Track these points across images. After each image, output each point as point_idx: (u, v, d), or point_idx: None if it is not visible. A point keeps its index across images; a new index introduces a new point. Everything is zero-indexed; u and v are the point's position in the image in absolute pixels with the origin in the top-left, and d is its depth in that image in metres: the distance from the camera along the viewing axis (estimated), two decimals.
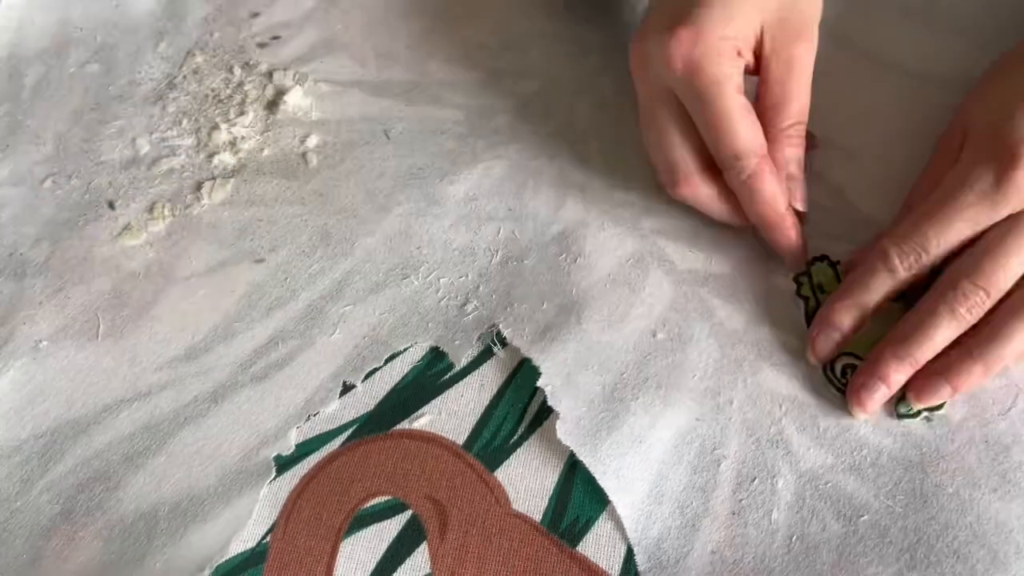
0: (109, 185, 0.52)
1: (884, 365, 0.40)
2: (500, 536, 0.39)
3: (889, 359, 0.40)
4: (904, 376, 0.40)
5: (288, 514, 0.40)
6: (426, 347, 0.44)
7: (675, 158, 0.44)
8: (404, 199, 0.50)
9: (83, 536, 0.40)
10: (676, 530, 0.38)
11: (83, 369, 0.45)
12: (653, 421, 0.41)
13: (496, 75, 0.55)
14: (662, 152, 0.45)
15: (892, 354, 0.40)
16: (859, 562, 0.37)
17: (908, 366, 0.40)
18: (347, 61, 0.57)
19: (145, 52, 0.59)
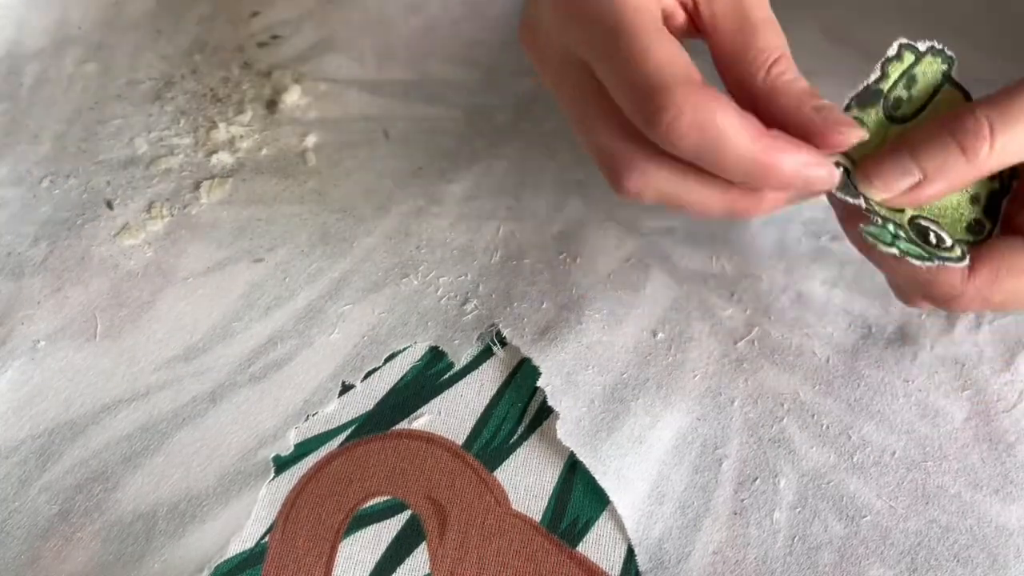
0: (107, 184, 0.52)
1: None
2: (500, 536, 0.39)
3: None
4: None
5: (287, 514, 0.40)
6: (425, 347, 0.44)
7: (605, 141, 0.32)
8: (403, 198, 0.50)
9: (81, 537, 0.40)
10: (677, 530, 0.38)
11: (81, 369, 0.45)
12: (654, 421, 0.41)
13: (496, 73, 0.55)
14: (590, 140, 0.33)
15: None
16: (861, 564, 0.37)
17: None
18: (346, 60, 0.57)
19: (144, 51, 0.59)
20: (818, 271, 0.45)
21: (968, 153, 0.30)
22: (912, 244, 0.32)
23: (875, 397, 0.41)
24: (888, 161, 0.31)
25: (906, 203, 0.32)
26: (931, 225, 0.33)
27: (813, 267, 0.45)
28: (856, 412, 0.41)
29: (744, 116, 0.30)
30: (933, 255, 0.31)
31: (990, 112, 0.30)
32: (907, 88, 0.34)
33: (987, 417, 0.40)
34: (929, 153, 0.31)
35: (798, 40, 0.54)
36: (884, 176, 0.31)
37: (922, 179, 0.31)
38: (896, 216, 0.32)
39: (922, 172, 0.31)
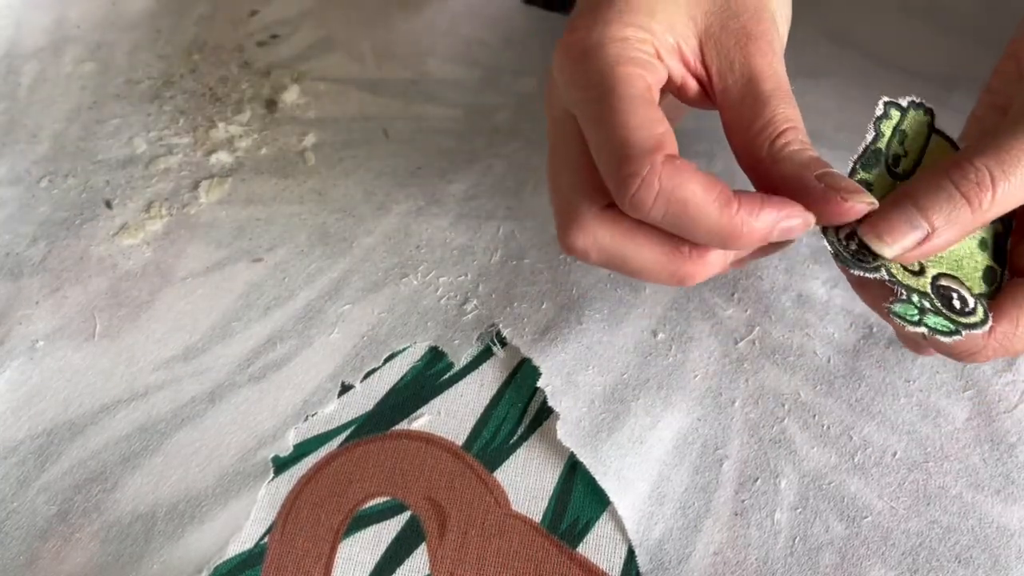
0: (106, 184, 0.52)
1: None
2: (500, 537, 0.39)
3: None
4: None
5: (286, 515, 0.40)
6: (425, 347, 0.44)
7: (564, 192, 0.33)
8: (403, 198, 0.50)
9: (80, 537, 0.40)
10: (678, 531, 0.38)
11: (80, 369, 0.44)
12: (654, 421, 0.41)
13: (495, 73, 0.55)
14: (553, 189, 0.34)
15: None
16: (862, 564, 0.37)
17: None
18: (345, 59, 0.57)
19: (142, 51, 0.58)
20: (819, 271, 0.45)
21: (972, 203, 0.31)
22: (939, 316, 0.32)
23: (876, 397, 0.41)
24: (896, 216, 0.31)
25: (916, 257, 0.32)
26: (952, 285, 0.33)
27: (814, 267, 0.45)
28: (857, 412, 0.41)
29: (711, 186, 0.30)
30: (959, 326, 0.32)
31: (988, 161, 0.31)
32: (901, 144, 0.34)
33: (988, 418, 0.40)
34: (935, 206, 0.31)
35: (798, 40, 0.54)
36: (894, 231, 0.31)
37: (930, 232, 0.31)
38: (918, 282, 0.32)
39: (930, 225, 0.31)
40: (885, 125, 0.34)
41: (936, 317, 0.32)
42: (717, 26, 0.33)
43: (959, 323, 0.32)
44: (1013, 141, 0.31)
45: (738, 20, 0.33)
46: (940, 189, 0.31)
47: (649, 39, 0.33)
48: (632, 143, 0.30)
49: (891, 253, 0.31)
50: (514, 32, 0.57)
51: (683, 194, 0.29)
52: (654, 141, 0.30)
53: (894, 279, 0.32)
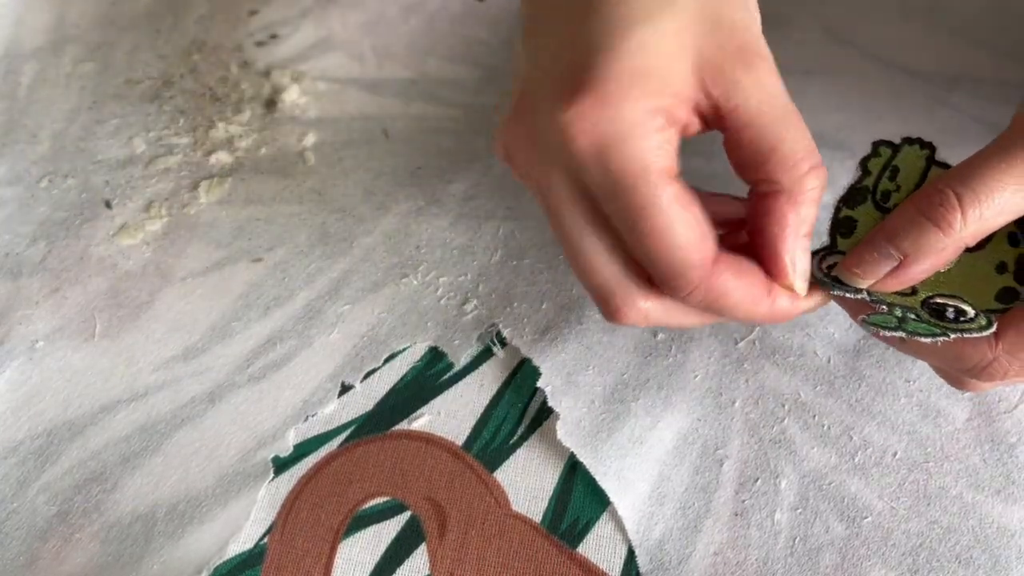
0: (106, 184, 0.52)
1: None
2: (500, 537, 0.39)
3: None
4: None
5: (286, 515, 0.40)
6: (425, 347, 0.44)
7: (604, 278, 0.32)
8: (403, 198, 0.50)
9: (80, 538, 0.40)
10: (678, 531, 0.38)
11: (80, 369, 0.44)
12: (654, 422, 0.41)
13: (496, 72, 0.55)
14: (585, 274, 0.33)
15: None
16: (862, 564, 0.37)
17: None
18: (345, 59, 0.57)
19: (142, 50, 0.58)
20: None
21: (942, 226, 0.30)
22: (923, 324, 0.32)
23: (876, 397, 0.41)
24: (866, 249, 0.32)
25: (895, 286, 0.32)
26: (948, 302, 0.33)
27: None
28: (857, 412, 0.41)
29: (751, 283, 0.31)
30: (947, 330, 0.31)
31: (953, 183, 0.31)
32: (891, 179, 0.34)
33: (989, 418, 0.40)
34: (902, 233, 0.31)
35: (798, 40, 0.54)
36: (863, 264, 0.32)
37: (902, 260, 0.31)
38: (906, 301, 0.32)
39: (900, 253, 0.31)
40: (873, 163, 0.34)
41: (917, 323, 0.32)
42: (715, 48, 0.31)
43: (947, 328, 0.31)
44: (981, 162, 0.30)
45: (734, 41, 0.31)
46: (907, 218, 0.31)
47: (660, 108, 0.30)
48: (678, 258, 0.30)
49: (865, 284, 0.32)
50: (514, 32, 0.57)
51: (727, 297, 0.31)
52: (698, 253, 0.30)
53: (876, 297, 0.32)
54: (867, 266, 0.32)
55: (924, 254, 0.31)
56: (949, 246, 0.31)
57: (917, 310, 0.32)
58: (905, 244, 0.31)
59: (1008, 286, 0.33)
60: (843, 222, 0.34)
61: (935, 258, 0.31)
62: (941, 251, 0.31)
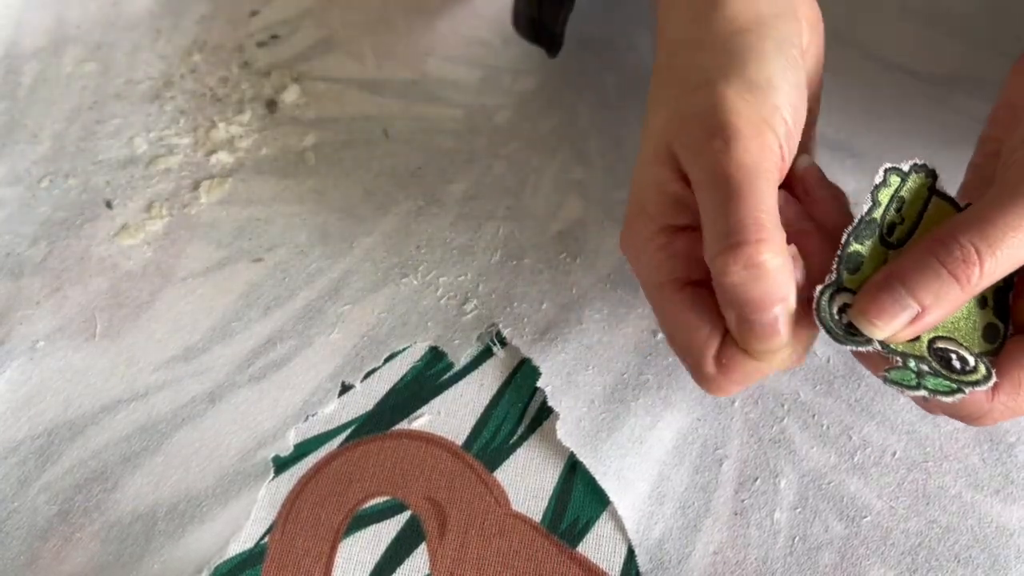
0: (106, 184, 0.52)
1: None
2: (500, 537, 0.39)
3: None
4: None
5: (286, 515, 0.40)
6: (425, 347, 0.44)
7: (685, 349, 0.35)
8: (403, 198, 0.50)
9: (80, 537, 0.40)
10: (678, 531, 0.38)
11: (80, 369, 0.44)
12: (654, 421, 0.41)
13: (495, 73, 0.55)
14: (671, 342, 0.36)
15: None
16: (861, 564, 0.37)
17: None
18: (345, 60, 0.57)
19: (143, 51, 0.59)
20: None
21: (960, 281, 0.31)
22: (938, 378, 0.31)
23: (876, 397, 0.41)
24: (885, 298, 0.31)
25: (908, 336, 0.32)
26: (950, 347, 0.32)
27: None
28: (857, 412, 0.41)
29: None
30: (960, 384, 0.31)
31: (973, 237, 0.30)
32: (898, 211, 0.34)
33: None
34: (924, 286, 0.31)
35: None
36: (883, 315, 0.31)
37: (920, 311, 0.31)
38: (913, 348, 0.32)
39: (919, 304, 0.31)
40: (883, 194, 0.34)
41: (936, 379, 0.31)
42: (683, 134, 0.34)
43: (961, 381, 0.31)
44: (997, 212, 0.30)
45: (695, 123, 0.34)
46: (927, 267, 0.31)
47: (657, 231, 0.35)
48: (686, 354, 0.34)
49: (881, 335, 0.31)
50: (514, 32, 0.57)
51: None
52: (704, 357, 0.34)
53: (888, 348, 0.32)
54: (888, 317, 0.31)
55: (942, 307, 0.31)
56: (965, 297, 0.31)
57: (928, 360, 0.32)
58: (926, 297, 0.31)
59: (991, 322, 0.33)
60: (851, 257, 0.33)
61: (951, 309, 0.31)
62: (957, 303, 0.31)
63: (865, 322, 0.31)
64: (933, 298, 0.31)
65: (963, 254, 0.30)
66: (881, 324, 0.31)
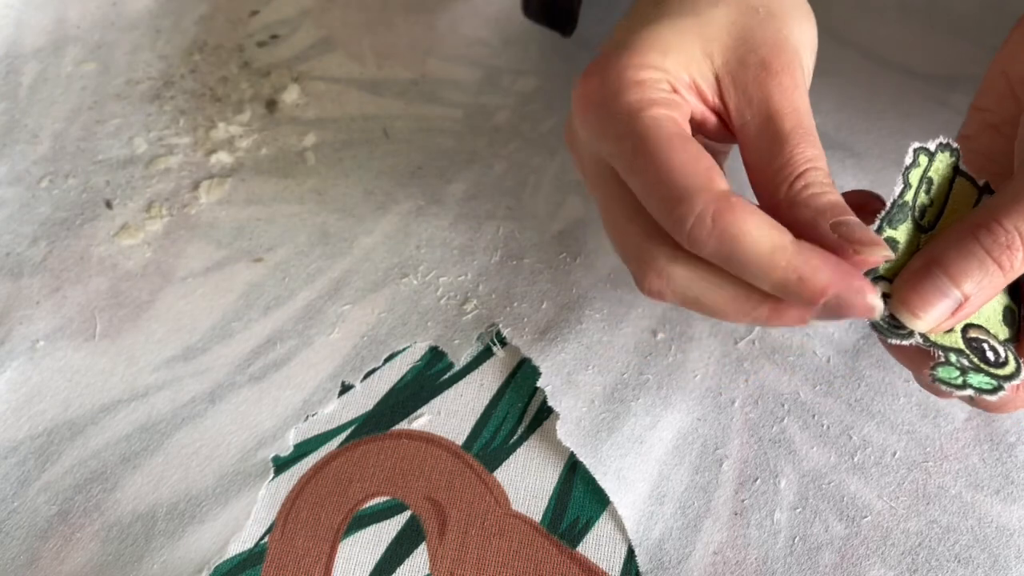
0: (106, 184, 0.52)
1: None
2: (499, 537, 0.39)
3: None
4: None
5: (286, 515, 0.40)
6: (425, 347, 0.44)
7: (632, 242, 0.32)
8: (403, 198, 0.50)
9: (80, 537, 0.40)
10: (678, 531, 0.38)
11: (80, 369, 0.44)
12: (654, 421, 0.41)
13: (495, 72, 0.55)
14: (618, 241, 0.33)
15: None
16: (861, 564, 0.37)
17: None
18: (345, 59, 0.57)
19: (143, 51, 0.58)
20: None
21: (1004, 267, 0.30)
22: (979, 374, 0.30)
23: (876, 397, 0.41)
24: (927, 286, 0.30)
25: (948, 327, 0.31)
26: (980, 335, 0.31)
27: None
28: (857, 412, 0.41)
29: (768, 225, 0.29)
30: (999, 380, 0.30)
31: (1018, 222, 0.29)
32: (927, 193, 0.33)
33: (988, 417, 0.40)
34: (967, 274, 0.30)
35: None
36: (926, 305, 0.30)
37: (964, 300, 0.30)
38: (950, 339, 0.31)
39: (963, 294, 0.30)
40: (913, 175, 0.32)
41: (977, 375, 0.30)
42: (735, 61, 0.32)
43: (998, 376, 0.30)
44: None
45: (757, 54, 0.32)
46: (971, 255, 0.30)
47: (663, 77, 0.32)
48: (678, 184, 0.29)
49: (925, 327, 0.30)
50: (514, 32, 0.57)
51: (735, 230, 0.28)
52: (701, 177, 0.29)
53: (930, 342, 0.31)
54: (929, 308, 0.30)
55: (984, 294, 0.30)
56: (1005, 283, 0.30)
57: (966, 353, 0.31)
58: (969, 285, 0.30)
59: (1007, 305, 0.33)
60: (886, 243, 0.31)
61: (991, 296, 0.30)
62: (996, 291, 0.30)
63: (907, 313, 0.30)
64: (975, 286, 0.30)
65: (1008, 240, 0.29)
66: (924, 315, 0.30)
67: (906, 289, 0.30)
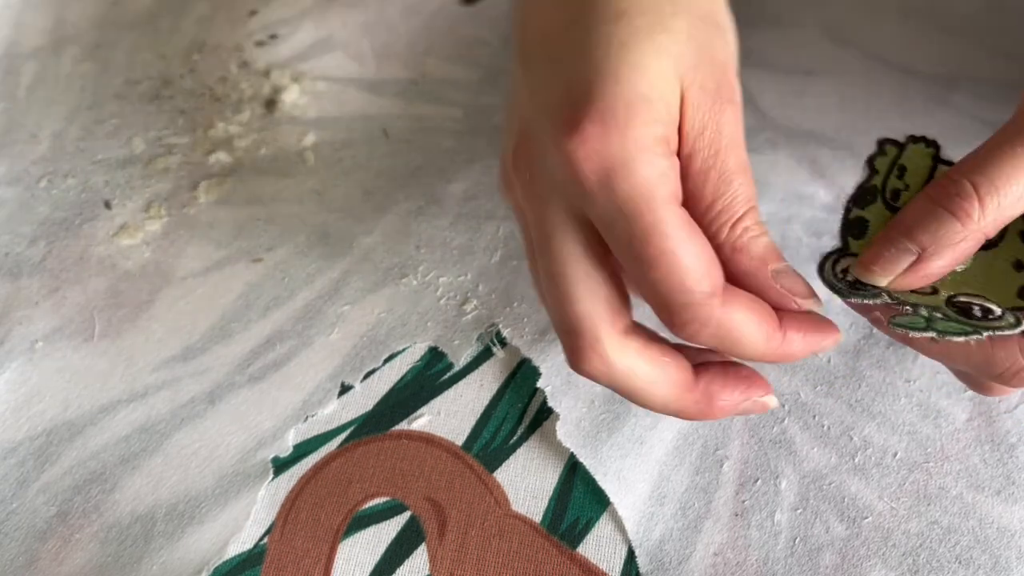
0: (105, 184, 0.51)
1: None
2: (499, 537, 0.39)
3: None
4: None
5: (286, 515, 0.40)
6: (425, 347, 0.44)
7: (579, 312, 0.31)
8: (403, 198, 0.50)
9: (79, 538, 0.40)
10: (678, 531, 0.38)
11: (79, 370, 0.44)
12: (654, 422, 0.41)
13: (495, 72, 0.55)
14: (559, 305, 0.31)
15: None
16: (862, 565, 0.37)
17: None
18: (345, 59, 0.57)
19: (141, 50, 0.58)
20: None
21: (959, 215, 0.30)
22: (952, 323, 0.30)
23: (877, 398, 0.41)
24: (882, 244, 0.31)
25: (914, 283, 0.31)
26: (973, 300, 0.31)
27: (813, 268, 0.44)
28: (857, 413, 0.40)
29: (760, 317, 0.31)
30: (979, 328, 0.30)
31: (968, 172, 0.30)
32: (900, 178, 0.33)
33: (989, 418, 0.40)
34: (921, 225, 0.30)
35: (798, 40, 0.54)
36: (881, 260, 0.31)
37: (921, 253, 0.30)
38: (928, 300, 0.31)
39: (919, 246, 0.30)
40: (880, 162, 0.33)
41: (947, 323, 0.30)
42: (696, 86, 0.31)
43: (979, 326, 0.30)
44: (994, 150, 0.30)
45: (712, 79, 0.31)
46: (923, 208, 0.30)
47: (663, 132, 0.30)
48: (689, 288, 0.29)
49: (885, 281, 0.31)
50: None
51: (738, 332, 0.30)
52: (710, 282, 0.30)
53: (897, 299, 0.31)
54: (885, 262, 0.31)
55: (943, 246, 0.30)
56: (968, 237, 0.30)
57: (943, 309, 0.31)
58: (924, 237, 0.30)
59: None
60: (854, 223, 0.32)
61: (954, 251, 0.30)
62: (960, 243, 0.30)
63: (865, 272, 0.31)
64: (931, 238, 0.30)
65: (958, 189, 0.29)
66: (879, 269, 0.31)
67: (867, 251, 0.31)
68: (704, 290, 0.30)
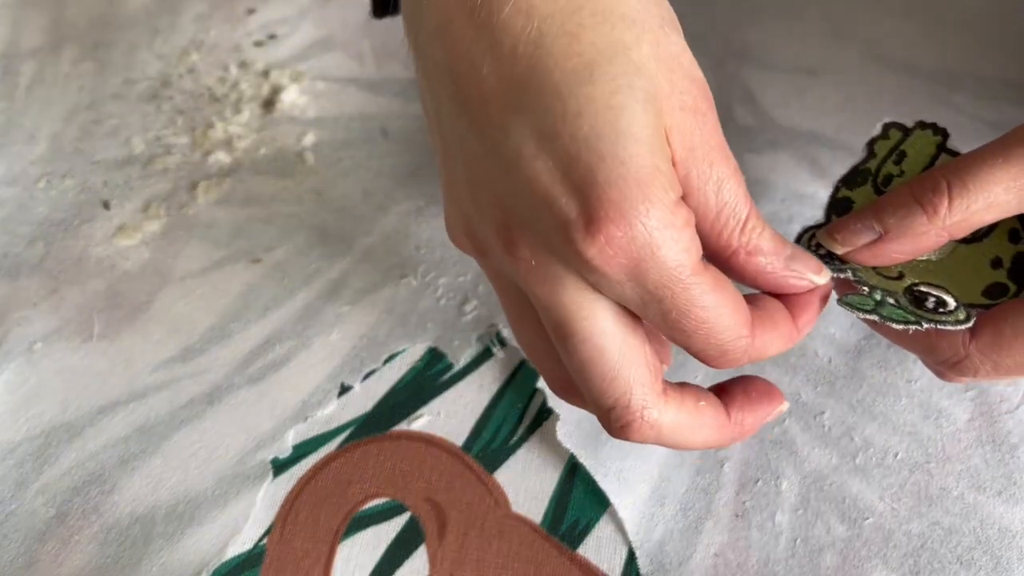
0: (104, 185, 0.51)
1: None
2: (499, 538, 0.39)
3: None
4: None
5: (285, 516, 0.40)
6: (425, 347, 0.44)
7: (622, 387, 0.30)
8: (402, 198, 0.49)
9: (78, 540, 0.40)
10: (679, 532, 0.38)
11: (78, 370, 0.44)
12: None
13: None
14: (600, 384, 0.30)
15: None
16: (863, 566, 0.37)
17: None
18: (344, 59, 0.57)
19: (140, 50, 0.58)
20: None
21: (927, 209, 0.31)
22: (899, 310, 0.31)
23: (878, 398, 0.41)
24: (852, 218, 0.32)
25: (870, 260, 0.32)
26: (931, 291, 0.32)
27: None
28: (858, 413, 0.40)
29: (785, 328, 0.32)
30: (922, 319, 0.31)
31: (947, 172, 0.31)
32: (897, 163, 0.34)
33: (990, 418, 0.40)
34: (890, 209, 0.32)
35: (801, 35, 0.54)
36: (845, 231, 0.32)
37: (883, 234, 0.32)
38: (890, 285, 0.32)
39: (883, 228, 0.32)
40: (880, 145, 0.34)
41: (894, 309, 0.31)
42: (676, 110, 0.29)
43: (921, 317, 0.31)
44: (978, 157, 0.31)
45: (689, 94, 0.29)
46: (897, 196, 0.32)
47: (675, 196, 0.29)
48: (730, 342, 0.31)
49: (842, 250, 0.32)
50: None
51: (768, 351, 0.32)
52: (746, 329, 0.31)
53: (859, 278, 0.32)
54: (848, 233, 0.32)
55: (904, 233, 0.31)
56: (931, 231, 0.31)
57: (898, 295, 0.32)
58: (890, 221, 0.32)
59: (999, 282, 0.33)
60: (840, 203, 0.33)
61: (915, 241, 0.32)
62: (922, 235, 0.31)
63: (827, 237, 0.33)
64: (896, 223, 0.31)
65: (933, 184, 0.31)
66: (840, 238, 0.32)
67: (838, 221, 0.33)
68: (742, 337, 0.31)
